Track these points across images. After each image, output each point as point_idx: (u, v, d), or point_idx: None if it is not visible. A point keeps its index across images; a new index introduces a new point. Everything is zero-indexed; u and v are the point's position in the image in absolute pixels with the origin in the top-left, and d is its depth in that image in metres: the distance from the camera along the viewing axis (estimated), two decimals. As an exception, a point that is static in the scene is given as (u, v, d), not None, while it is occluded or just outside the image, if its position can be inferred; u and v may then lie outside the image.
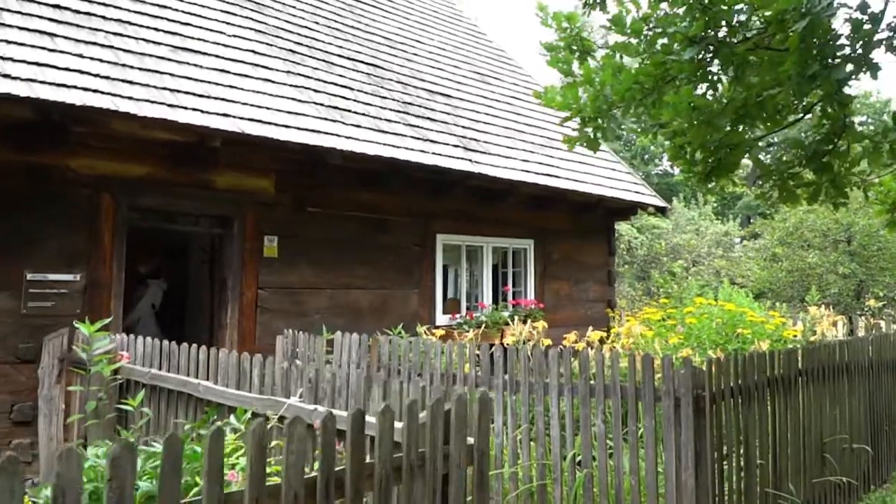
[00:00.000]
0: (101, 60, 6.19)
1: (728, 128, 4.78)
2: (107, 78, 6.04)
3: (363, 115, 8.32)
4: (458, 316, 9.57)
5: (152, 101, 6.10)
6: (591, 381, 5.07)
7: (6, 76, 5.33)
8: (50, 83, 5.53)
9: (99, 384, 5.18)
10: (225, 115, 6.61)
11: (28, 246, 6.04)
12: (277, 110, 7.24)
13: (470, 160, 8.97)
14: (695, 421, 4.56)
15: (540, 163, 10.27)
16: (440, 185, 9.08)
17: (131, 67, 6.39)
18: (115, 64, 6.29)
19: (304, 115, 7.50)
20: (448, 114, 9.87)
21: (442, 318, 9.46)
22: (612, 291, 12.49)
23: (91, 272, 6.38)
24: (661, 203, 12.16)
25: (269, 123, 6.92)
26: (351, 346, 6.53)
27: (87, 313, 6.33)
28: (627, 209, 11.99)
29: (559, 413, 5.18)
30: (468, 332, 7.88)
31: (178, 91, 6.50)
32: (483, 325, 9.43)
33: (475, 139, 9.65)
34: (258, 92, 7.35)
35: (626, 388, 4.88)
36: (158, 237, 8.95)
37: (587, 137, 4.28)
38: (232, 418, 3.76)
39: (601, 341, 6.13)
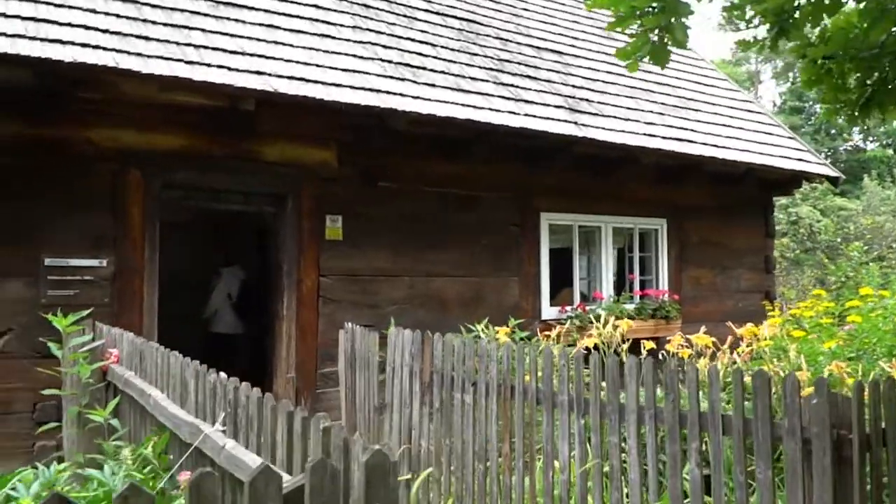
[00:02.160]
0: (117, 16, 5.47)
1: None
2: (117, 34, 5.29)
3: (441, 72, 7.12)
4: (568, 308, 8.13)
5: (166, 58, 5.28)
6: (683, 407, 3.58)
7: (-9, 33, 4.68)
8: (42, 39, 4.84)
9: (79, 388, 4.43)
10: (258, 72, 5.68)
11: (45, 229, 5.44)
12: (329, 68, 6.22)
13: (575, 122, 7.50)
14: (835, 474, 2.97)
15: (670, 126, 8.56)
16: (540, 154, 7.70)
17: (153, 23, 5.63)
18: (135, 19, 5.55)
19: (363, 72, 6.43)
20: (555, 72, 8.43)
21: (549, 311, 8.08)
22: (770, 280, 10.42)
23: (120, 257, 5.70)
24: (831, 172, 9.92)
25: (314, 82, 5.92)
26: (404, 346, 5.39)
27: (116, 302, 5.68)
28: (788, 181, 9.90)
29: (639, 447, 3.73)
30: (563, 327, 6.46)
31: (205, 47, 5.66)
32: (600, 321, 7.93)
33: (587, 99, 8.14)
34: (310, 48, 6.38)
35: (731, 419, 3.34)
36: (236, 221, 8.31)
37: (649, 45, 2.81)
38: (128, 451, 2.74)
39: (716, 346, 4.55)
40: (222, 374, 2.91)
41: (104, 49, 5.09)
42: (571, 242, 8.47)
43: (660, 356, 4.88)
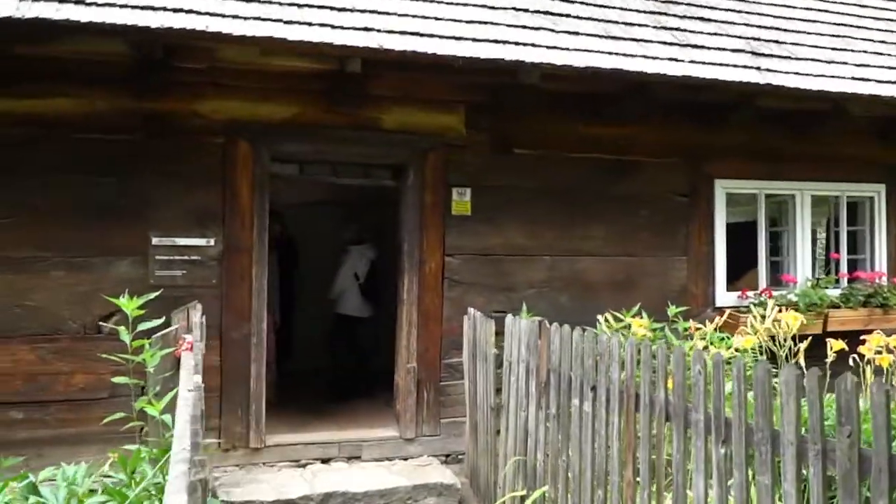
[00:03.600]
0: (217, -22, 5.11)
1: None
2: (217, -3, 4.92)
3: (588, 18, 6.09)
4: (750, 294, 6.78)
5: (263, 19, 4.82)
6: (867, 445, 2.45)
7: (80, 2, 4.48)
8: (132, 6, 4.56)
9: (150, 378, 4.10)
10: (366, 29, 5.07)
11: (152, 206, 5.25)
12: (450, 20, 5.47)
13: (758, 68, 6.12)
14: None
15: (891, 67, 6.82)
16: (714, 109, 6.43)
17: (256, -17, 5.22)
18: (236, -20, 5.16)
19: (491, 23, 5.60)
20: (736, 12, 7.02)
21: (725, 297, 6.78)
22: None
23: (228, 235, 5.41)
24: None
25: (429, 36, 5.20)
26: (521, 337, 4.59)
27: (224, 283, 5.41)
28: None
29: (799, 496, 2.64)
30: (722, 319, 5.21)
31: (310, 6, 5.14)
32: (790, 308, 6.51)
33: (775, 41, 6.67)
34: (431, 1, 5.67)
35: (941, 472, 2.18)
36: (374, 196, 7.85)
37: None
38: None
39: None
40: (197, 378, 2.30)
41: (197, 13, 4.73)
42: (756, 215, 7.06)
43: (850, 361, 3.64)
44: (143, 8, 4.59)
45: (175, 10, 4.67)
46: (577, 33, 5.84)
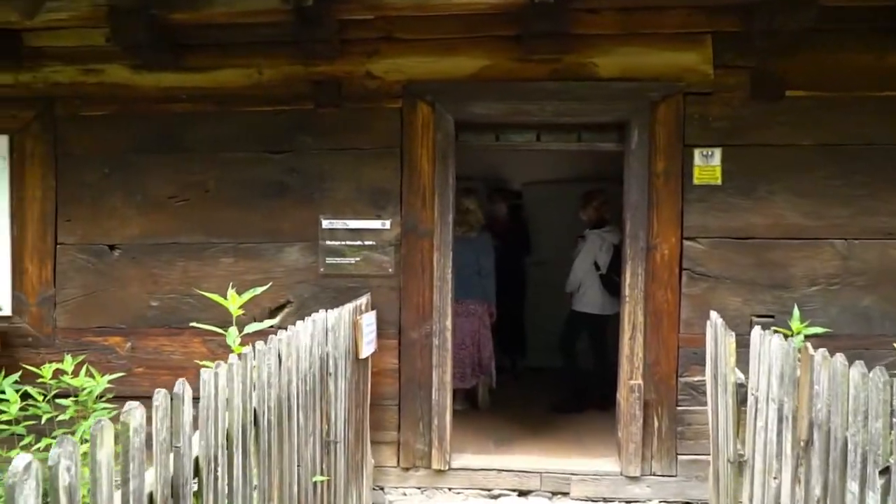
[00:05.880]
0: None
1: None
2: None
3: None
4: None
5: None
6: None
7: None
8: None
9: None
10: (558, -61, 3.84)
11: (322, 184, 4.60)
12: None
13: None
14: None
15: None
16: None
17: None
18: None
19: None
20: None
21: None
22: None
23: (405, 216, 4.57)
24: None
25: (648, -61, 3.81)
26: (771, 362, 3.08)
27: (403, 272, 4.59)
28: None
29: None
30: None
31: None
32: None
33: None
34: None
35: None
36: (612, 171, 6.49)
37: None
38: None
39: None
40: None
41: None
42: None
43: None
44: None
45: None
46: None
